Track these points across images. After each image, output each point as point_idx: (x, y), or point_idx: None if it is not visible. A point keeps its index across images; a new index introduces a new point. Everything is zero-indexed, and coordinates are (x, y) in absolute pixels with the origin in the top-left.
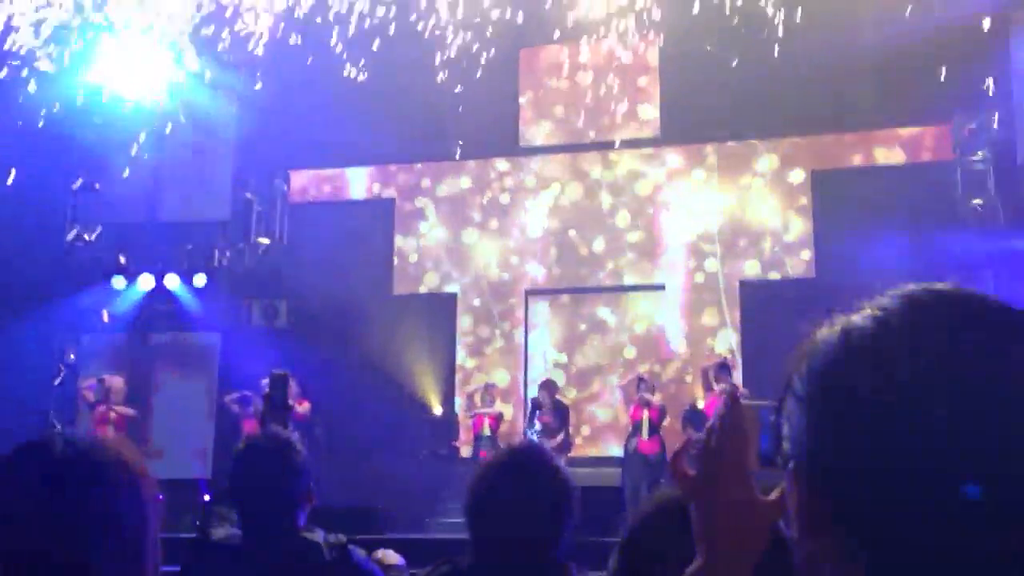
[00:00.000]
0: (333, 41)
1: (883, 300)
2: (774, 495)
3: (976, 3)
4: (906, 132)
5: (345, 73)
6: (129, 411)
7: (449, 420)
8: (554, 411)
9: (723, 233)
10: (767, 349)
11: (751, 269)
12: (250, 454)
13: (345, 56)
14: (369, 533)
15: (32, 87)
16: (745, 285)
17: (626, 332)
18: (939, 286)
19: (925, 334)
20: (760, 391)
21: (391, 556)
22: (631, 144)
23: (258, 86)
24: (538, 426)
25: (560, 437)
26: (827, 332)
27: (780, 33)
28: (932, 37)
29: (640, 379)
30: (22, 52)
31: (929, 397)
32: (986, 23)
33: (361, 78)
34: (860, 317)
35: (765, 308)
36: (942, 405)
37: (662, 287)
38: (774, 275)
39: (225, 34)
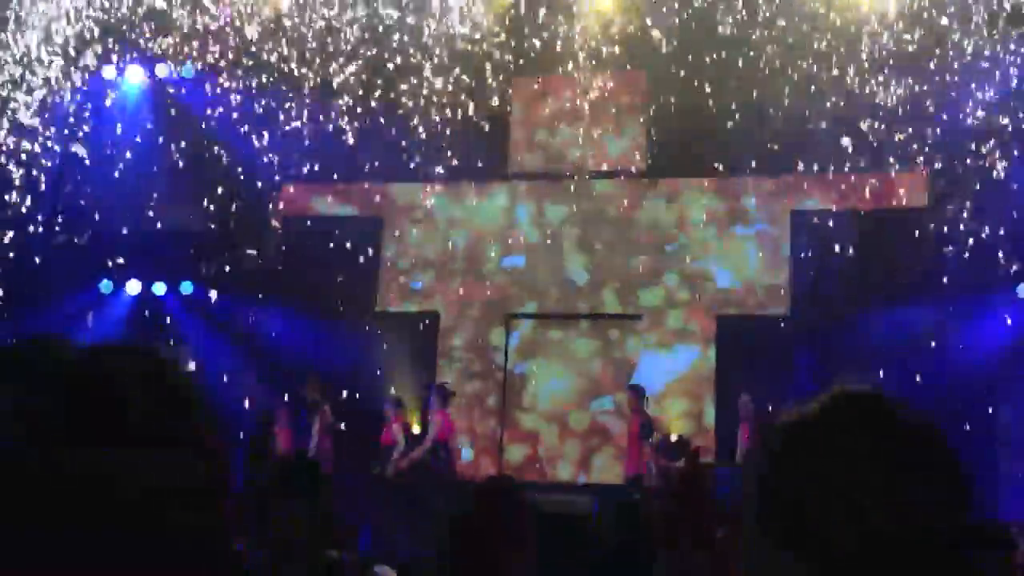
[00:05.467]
0: (324, 56)
1: (821, 398)
2: (720, 535)
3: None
4: (883, 177)
5: (337, 89)
6: None
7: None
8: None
9: (700, 266)
10: (743, 385)
11: (728, 304)
12: (281, 475)
13: (337, 71)
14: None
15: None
16: (722, 320)
17: (601, 358)
18: (856, 390)
19: (832, 430)
20: (734, 425)
21: (388, 572)
22: (616, 175)
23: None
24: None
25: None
26: (781, 421)
27: (767, 70)
28: (913, 82)
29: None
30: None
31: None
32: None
33: (353, 95)
34: (797, 413)
35: (741, 344)
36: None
37: (640, 317)
38: (750, 311)
39: (220, 43)
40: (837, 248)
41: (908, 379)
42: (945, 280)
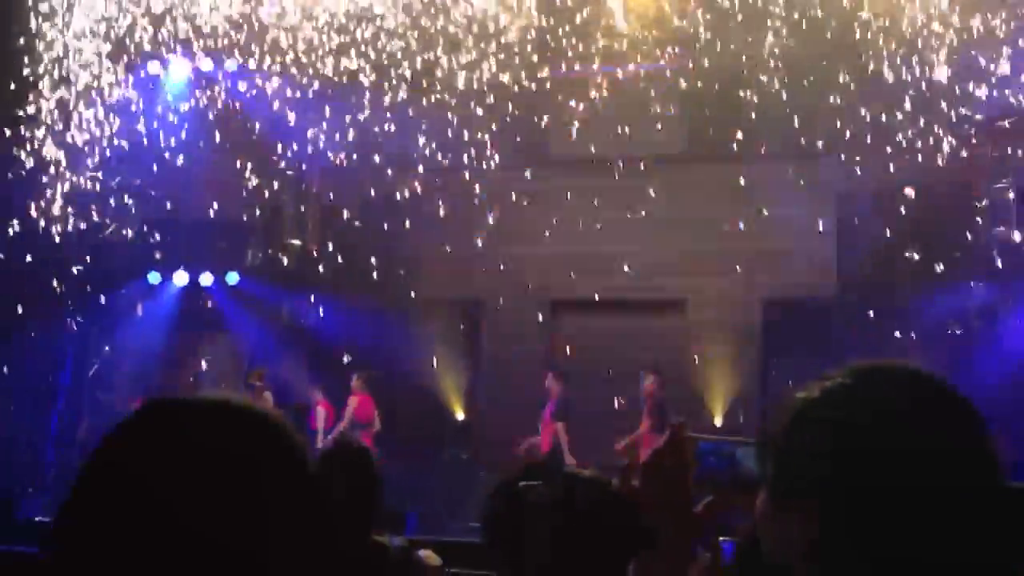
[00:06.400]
0: (361, 47)
1: (839, 372)
2: (699, 509)
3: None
4: (931, 156)
5: (377, 78)
6: None
7: (471, 424)
8: None
9: (743, 249)
10: (787, 367)
11: (773, 287)
12: (329, 461)
13: (376, 61)
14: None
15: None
16: (768, 302)
17: (646, 343)
18: (879, 364)
19: (857, 405)
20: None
21: (433, 558)
22: (656, 159)
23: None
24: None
25: None
26: (797, 397)
27: (808, 51)
28: (958, 59)
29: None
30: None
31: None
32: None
33: (393, 83)
34: (815, 387)
35: (787, 327)
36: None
37: (684, 301)
38: (796, 294)
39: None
40: (884, 229)
41: (958, 361)
42: (995, 259)
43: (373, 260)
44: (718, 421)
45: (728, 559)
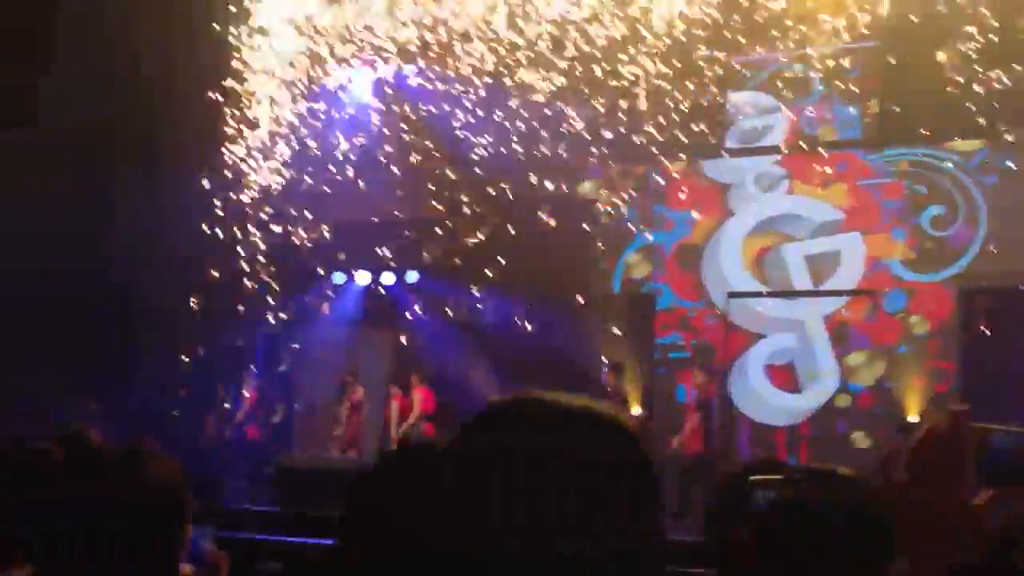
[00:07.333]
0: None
1: None
2: (979, 502)
3: None
4: None
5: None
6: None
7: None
8: None
9: (940, 236)
10: (985, 359)
11: (973, 275)
12: None
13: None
14: None
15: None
16: (967, 291)
17: (828, 337)
18: None
19: None
20: (976, 402)
21: None
22: (844, 146)
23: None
24: None
25: None
26: None
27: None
28: None
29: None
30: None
31: None
32: None
33: (569, 79)
34: None
35: (988, 317)
36: None
37: (872, 292)
38: (997, 281)
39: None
40: None
41: None
42: None
43: (548, 256)
44: (913, 418)
45: None
